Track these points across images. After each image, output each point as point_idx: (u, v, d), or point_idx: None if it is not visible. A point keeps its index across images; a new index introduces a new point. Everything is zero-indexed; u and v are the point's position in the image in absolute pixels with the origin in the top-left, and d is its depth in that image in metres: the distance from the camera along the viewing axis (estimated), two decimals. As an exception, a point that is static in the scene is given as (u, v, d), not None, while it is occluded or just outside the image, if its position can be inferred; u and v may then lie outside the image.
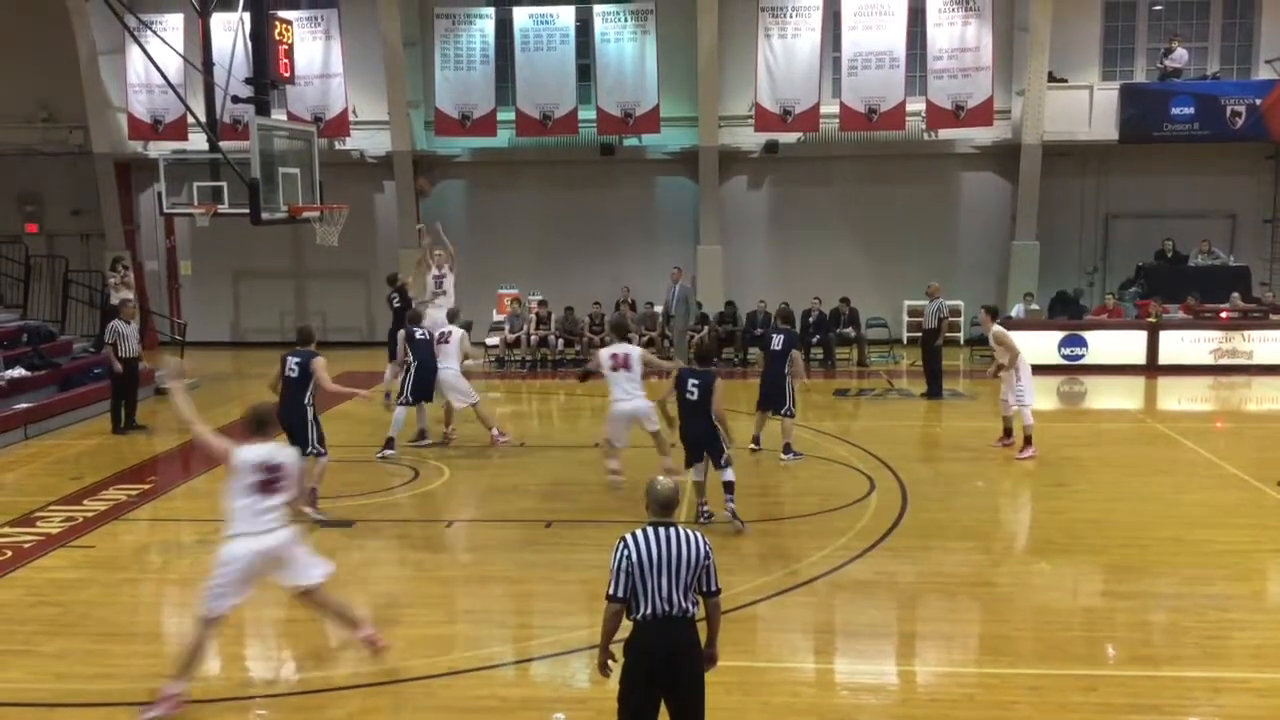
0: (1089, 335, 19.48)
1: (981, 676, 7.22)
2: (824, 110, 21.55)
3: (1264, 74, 21.81)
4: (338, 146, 22.55)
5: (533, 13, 21.89)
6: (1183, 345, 19.24)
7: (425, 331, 13.59)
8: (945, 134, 22.02)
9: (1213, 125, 21.12)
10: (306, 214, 14.93)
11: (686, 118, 22.32)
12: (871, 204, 22.82)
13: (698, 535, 5.37)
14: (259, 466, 6.76)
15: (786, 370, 12.98)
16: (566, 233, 23.09)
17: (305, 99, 21.76)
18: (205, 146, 15.64)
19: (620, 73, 21.73)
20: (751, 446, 13.23)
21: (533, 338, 20.84)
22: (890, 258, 22.65)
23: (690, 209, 22.95)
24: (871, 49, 21.19)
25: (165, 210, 16.14)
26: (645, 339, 20.67)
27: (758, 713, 6.73)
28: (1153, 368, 19.15)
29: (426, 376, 13.30)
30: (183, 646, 6.79)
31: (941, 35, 21.16)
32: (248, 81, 14.72)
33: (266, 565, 6.86)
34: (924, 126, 21.78)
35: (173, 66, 18.06)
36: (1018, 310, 20.37)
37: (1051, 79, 21.56)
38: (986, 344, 20.42)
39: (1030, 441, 13.15)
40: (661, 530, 5.30)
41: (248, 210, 13.93)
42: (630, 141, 22.59)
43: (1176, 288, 20.38)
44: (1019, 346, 13.29)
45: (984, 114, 21.23)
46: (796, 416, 13.30)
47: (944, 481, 12.18)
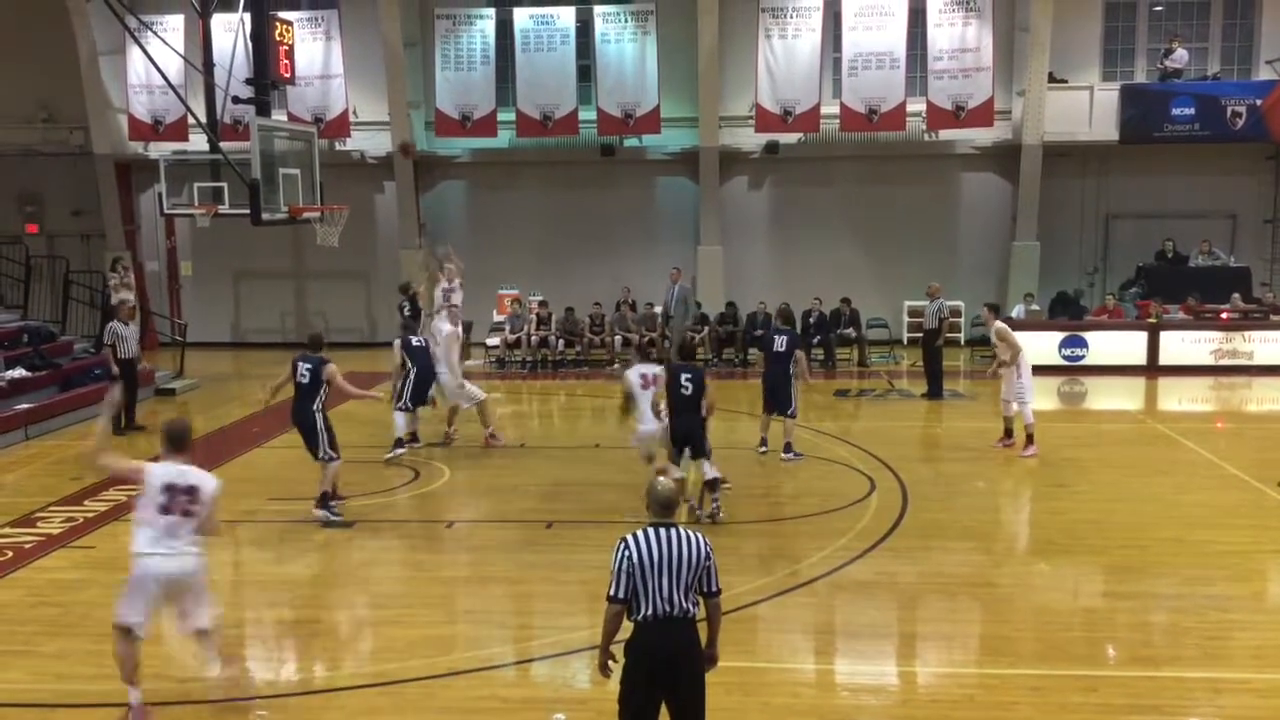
0: (1089, 336, 19.48)
1: (982, 677, 7.22)
2: (824, 111, 21.55)
3: (1264, 74, 21.80)
4: (338, 147, 22.55)
5: (533, 13, 21.89)
6: (1183, 346, 19.23)
7: (422, 339, 13.77)
8: (946, 134, 22.01)
9: (1213, 126, 21.11)
10: (307, 215, 14.94)
11: (687, 118, 22.32)
12: (872, 204, 22.82)
13: (698, 536, 5.38)
14: (167, 486, 6.52)
15: (791, 371, 13.00)
16: (567, 233, 23.09)
17: (306, 100, 21.77)
18: (206, 147, 15.64)
19: (621, 73, 21.73)
20: (760, 450, 13.25)
21: (533, 338, 20.84)
22: (891, 258, 22.65)
23: (691, 209, 22.95)
24: (872, 49, 21.18)
25: (166, 211, 16.16)
26: (645, 339, 20.70)
27: (758, 713, 6.73)
28: (1153, 368, 19.14)
29: (425, 383, 13.42)
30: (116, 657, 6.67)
31: (942, 36, 21.16)
32: (248, 82, 14.73)
33: (166, 591, 6.59)
34: (924, 127, 21.77)
35: (173, 67, 18.06)
36: (1018, 311, 20.36)
37: (1052, 79, 21.55)
38: (987, 344, 20.50)
39: (1032, 440, 13.17)
40: (662, 531, 5.31)
41: (248, 211, 13.94)
42: (631, 142, 22.59)
43: (1177, 288, 20.35)
44: (1021, 344, 13.30)
45: (984, 114, 21.23)
46: (798, 417, 13.34)
47: (944, 482, 12.17)
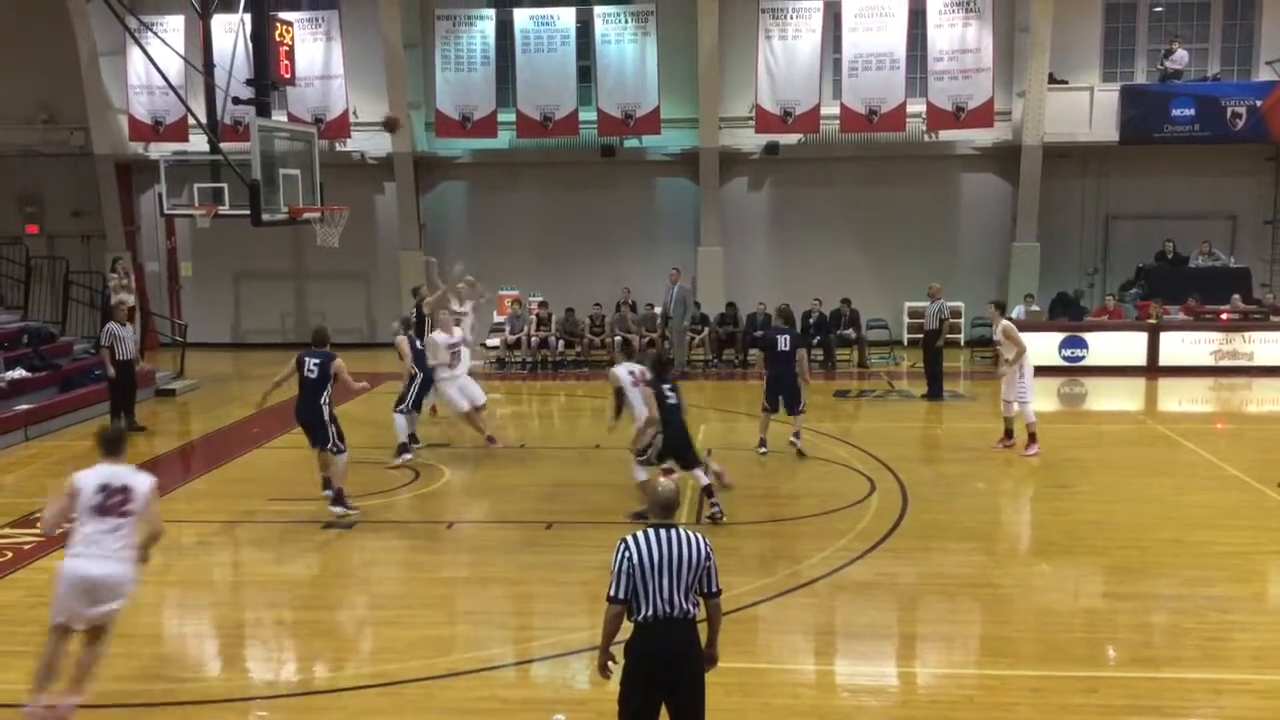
0: (1089, 337, 19.47)
1: (982, 678, 7.22)
2: (824, 111, 21.55)
3: (1264, 75, 21.80)
4: (338, 148, 22.55)
5: (533, 14, 21.89)
6: (1183, 347, 19.23)
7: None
8: (946, 135, 22.01)
9: (1213, 127, 21.11)
10: (307, 215, 14.92)
11: (687, 119, 22.32)
12: (872, 205, 22.82)
13: (698, 536, 5.38)
14: (101, 488, 6.57)
15: (797, 369, 13.23)
16: (567, 234, 23.09)
17: (306, 100, 21.76)
18: (206, 148, 15.61)
19: (621, 74, 21.73)
20: (761, 450, 13.27)
21: (533, 339, 20.84)
22: (891, 259, 22.65)
23: (691, 210, 22.95)
24: (872, 50, 21.18)
25: (166, 211, 16.13)
26: (645, 340, 20.72)
27: (758, 714, 6.73)
28: (1153, 369, 19.14)
29: (429, 387, 13.44)
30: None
31: (942, 36, 21.16)
32: (248, 83, 14.71)
33: (85, 594, 6.50)
34: (924, 128, 21.77)
35: (173, 68, 18.04)
36: (1018, 311, 20.34)
37: (1052, 80, 21.55)
38: (987, 345, 20.62)
39: (1035, 439, 13.19)
40: (662, 532, 5.31)
41: (248, 211, 13.91)
42: (631, 143, 22.59)
43: (1177, 289, 20.34)
44: (1025, 343, 13.35)
45: (984, 115, 21.23)
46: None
47: (944, 483, 12.17)
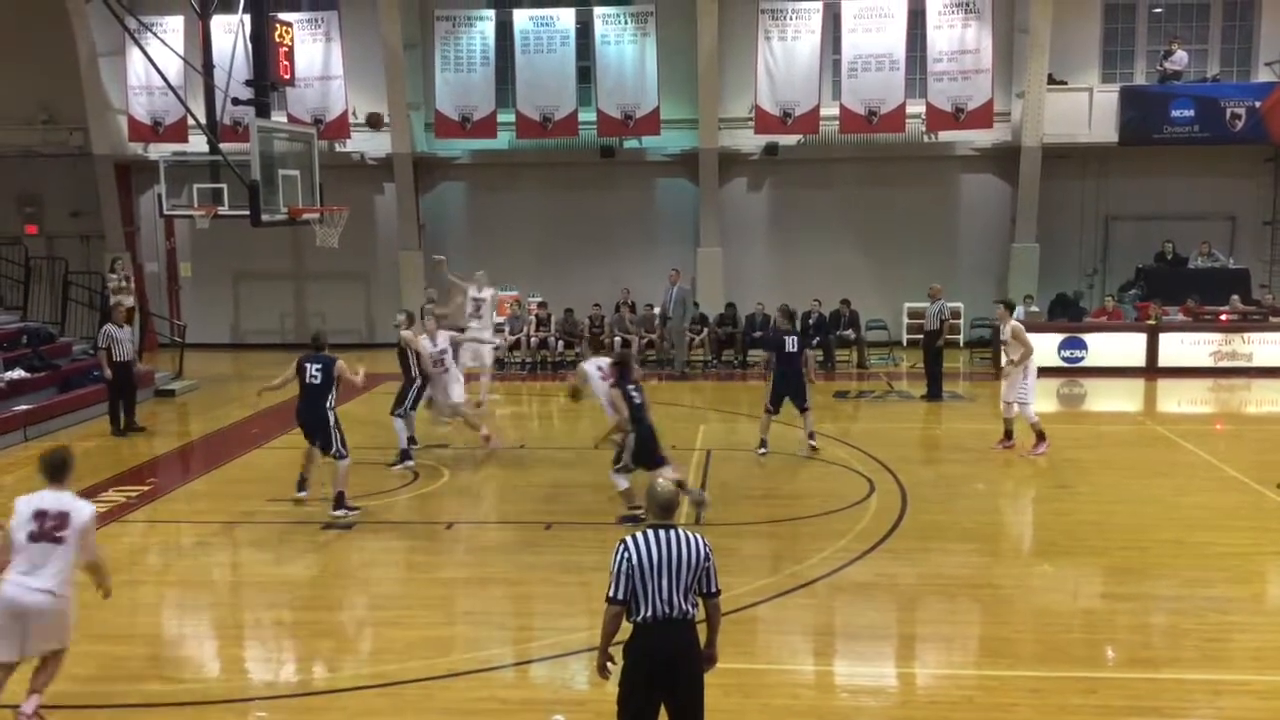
0: (1089, 338, 19.47)
1: (981, 679, 7.22)
2: (824, 112, 21.54)
3: (1264, 76, 21.81)
4: (338, 148, 22.54)
5: (533, 15, 21.89)
6: (1182, 348, 19.22)
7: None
8: (945, 136, 22.00)
9: (1212, 128, 21.11)
10: (306, 216, 14.92)
11: (686, 120, 22.32)
12: (871, 206, 22.82)
13: (698, 537, 5.38)
14: (37, 514, 6.42)
15: (803, 370, 13.42)
16: (566, 235, 23.09)
17: (305, 101, 21.76)
18: (205, 148, 15.63)
19: (620, 75, 21.72)
20: (760, 451, 13.29)
21: (532, 340, 20.85)
22: (890, 260, 22.65)
23: (690, 211, 22.95)
24: (871, 51, 21.18)
25: (165, 212, 16.12)
26: (645, 341, 20.74)
27: (757, 714, 6.73)
28: (1152, 370, 19.14)
29: (425, 389, 13.40)
30: None
31: (941, 37, 21.15)
32: (248, 83, 14.71)
33: (14, 619, 6.33)
34: (924, 129, 21.76)
35: (173, 68, 18.03)
36: (1018, 313, 20.27)
37: (1051, 81, 21.54)
38: (986, 346, 20.65)
39: (1043, 437, 13.22)
40: (662, 532, 5.31)
41: (248, 212, 13.92)
42: (630, 143, 22.58)
43: (1176, 290, 20.32)
44: (1032, 345, 13.39)
45: (984, 116, 21.22)
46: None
47: (944, 483, 12.17)
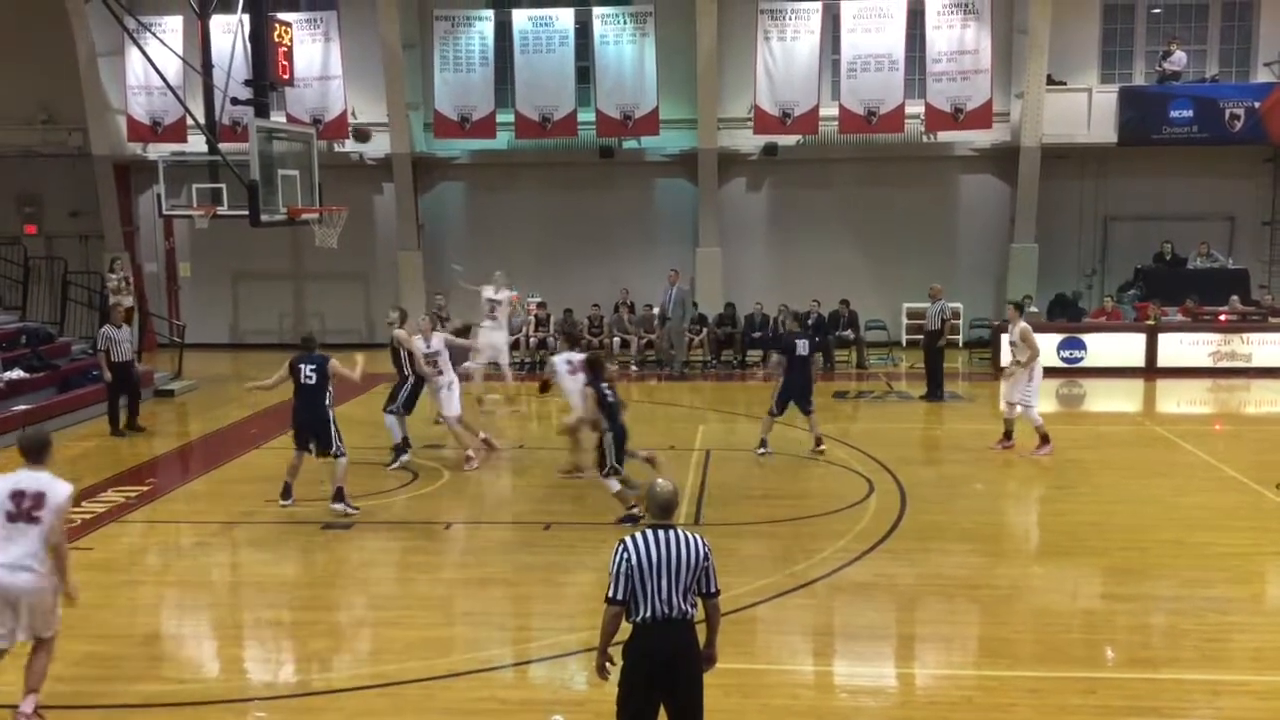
0: (1088, 338, 19.46)
1: (980, 679, 7.22)
2: (823, 113, 21.53)
3: (1263, 77, 21.83)
4: (337, 149, 22.54)
5: (532, 15, 21.88)
6: (1181, 348, 19.23)
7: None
8: (944, 136, 22.00)
9: (1211, 128, 21.11)
10: (305, 216, 14.91)
11: (685, 120, 22.31)
12: (870, 206, 22.82)
13: (697, 537, 5.38)
14: (15, 493, 6.38)
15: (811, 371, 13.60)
16: (565, 235, 23.08)
17: (304, 101, 21.74)
18: (204, 148, 15.63)
19: (619, 75, 21.72)
20: (760, 451, 13.29)
21: (531, 340, 20.84)
22: (889, 260, 22.65)
23: (689, 211, 22.95)
24: (870, 52, 21.18)
25: (164, 212, 16.10)
26: (644, 341, 20.74)
27: (757, 715, 6.73)
28: (1151, 370, 19.14)
29: (420, 390, 13.33)
30: None
31: (940, 38, 21.15)
32: (247, 83, 14.70)
33: (6, 606, 6.33)
34: (923, 129, 21.76)
35: (172, 68, 18.02)
36: (1007, 313, 20.33)
37: (1050, 82, 21.55)
38: (986, 346, 20.64)
39: (1047, 439, 13.22)
40: (661, 533, 5.31)
41: (247, 212, 13.92)
42: (629, 144, 22.57)
43: (1175, 290, 20.32)
44: (1040, 348, 13.39)
45: (983, 117, 21.22)
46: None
47: (943, 484, 12.18)
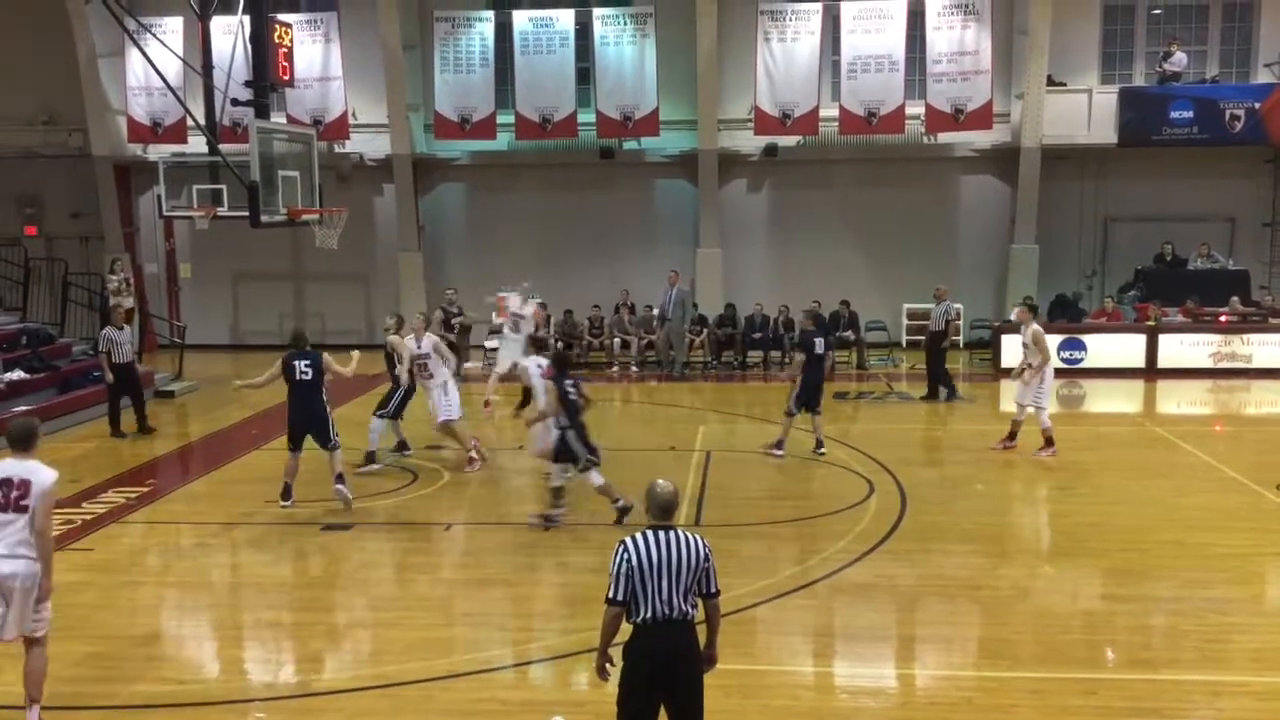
0: (1088, 339, 19.47)
1: (981, 680, 7.22)
2: (823, 114, 21.54)
3: (1263, 78, 21.82)
4: (337, 149, 22.55)
5: (532, 16, 21.90)
6: (1182, 349, 19.24)
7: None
8: (944, 137, 22.01)
9: (1212, 129, 21.12)
10: (306, 217, 14.91)
11: (686, 121, 22.32)
12: (871, 207, 22.82)
13: (697, 538, 5.38)
14: (1, 483, 6.36)
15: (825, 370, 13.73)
16: (566, 236, 23.09)
17: (305, 102, 21.75)
18: (205, 149, 15.63)
19: (620, 76, 21.73)
20: (779, 452, 13.23)
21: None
22: (889, 261, 22.65)
23: (689, 212, 22.95)
24: (871, 52, 21.18)
25: (165, 213, 16.11)
26: (645, 342, 20.74)
27: (757, 715, 6.72)
28: (1152, 371, 19.14)
29: (411, 396, 13.29)
30: None
31: (941, 39, 21.16)
32: (247, 84, 14.71)
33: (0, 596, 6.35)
34: (923, 130, 21.77)
35: (172, 69, 18.03)
36: (1017, 314, 20.33)
37: (1050, 82, 21.55)
38: (986, 347, 20.65)
39: (1051, 442, 13.23)
40: (661, 533, 5.30)
41: (247, 213, 13.93)
42: (629, 144, 22.59)
43: (1175, 291, 20.32)
44: (1050, 351, 13.44)
45: (983, 117, 21.22)
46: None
47: (944, 485, 12.18)
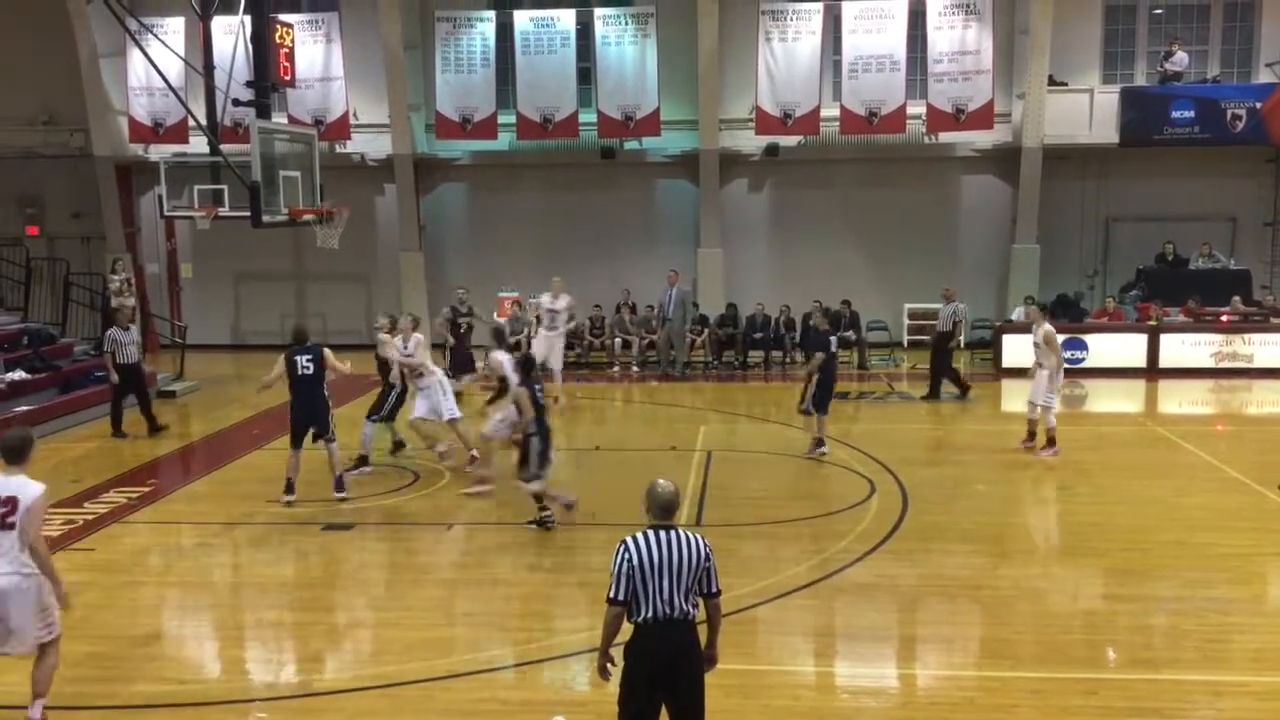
0: (1089, 339, 19.46)
1: (982, 680, 7.22)
2: (824, 113, 21.54)
3: (1264, 77, 21.81)
4: (338, 149, 22.56)
5: (533, 16, 21.90)
6: (1183, 348, 19.23)
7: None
8: (946, 137, 22.01)
9: (1213, 128, 21.12)
10: (307, 217, 14.92)
11: (687, 121, 22.32)
12: (872, 207, 22.82)
13: (698, 537, 5.38)
14: None
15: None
16: (567, 236, 23.09)
17: (306, 102, 21.77)
18: (206, 149, 15.64)
19: (621, 76, 21.73)
20: (822, 451, 13.23)
21: (533, 341, 20.81)
22: (891, 261, 22.65)
23: (691, 212, 22.95)
24: (872, 52, 21.18)
25: (166, 213, 16.12)
26: (646, 342, 20.73)
27: (758, 715, 6.72)
28: (1153, 371, 19.14)
29: (404, 398, 13.26)
30: None
31: (942, 38, 21.16)
32: (248, 84, 14.73)
33: None
34: (924, 130, 21.77)
35: (173, 69, 18.05)
36: (1018, 314, 20.34)
37: (1052, 82, 21.55)
38: (987, 347, 20.64)
39: (1054, 442, 13.24)
40: (662, 533, 5.30)
41: (248, 213, 13.94)
42: (631, 144, 22.59)
43: (1177, 291, 20.31)
44: (1062, 353, 13.51)
45: (984, 117, 21.22)
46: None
47: (945, 484, 12.16)
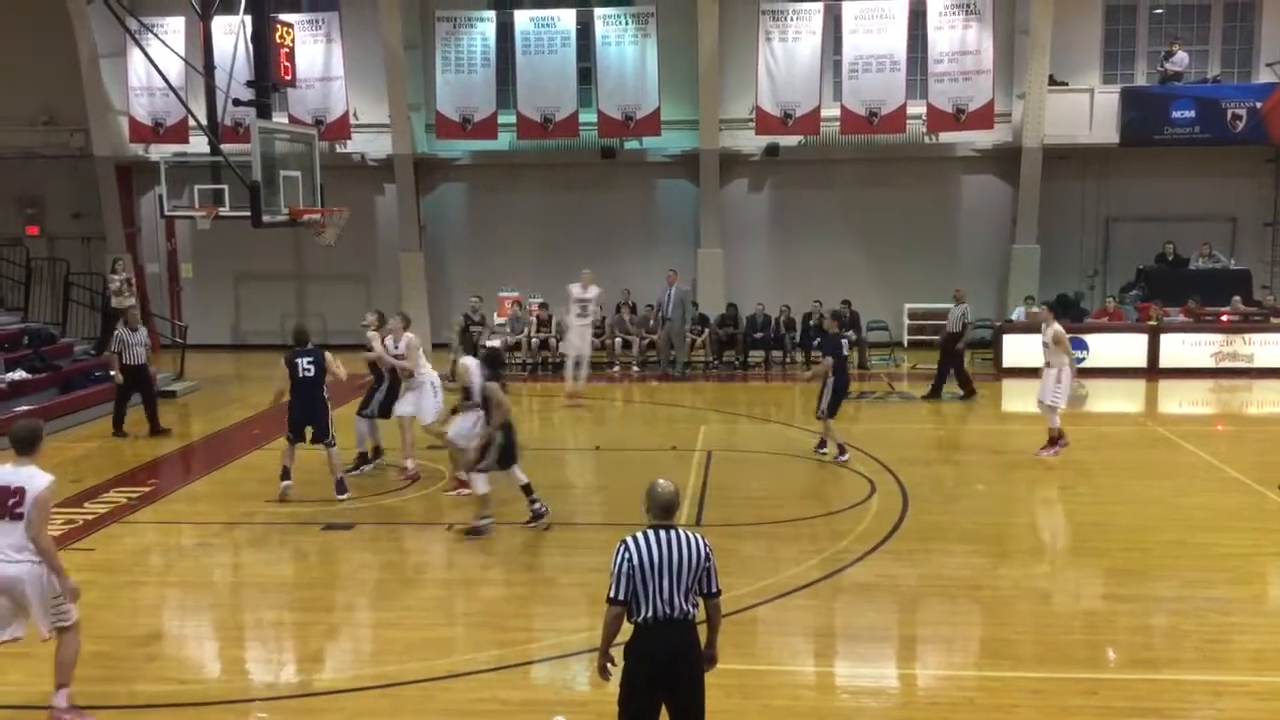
0: (1090, 338, 19.44)
1: (982, 680, 7.22)
2: (825, 113, 21.54)
3: (1265, 77, 21.80)
4: (339, 149, 22.57)
5: (534, 16, 21.91)
6: (1183, 348, 19.24)
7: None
8: (946, 137, 22.01)
9: (1213, 128, 21.11)
10: (307, 216, 14.92)
11: (687, 121, 22.32)
12: (872, 207, 22.82)
13: (698, 537, 5.38)
14: None
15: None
16: (567, 235, 23.08)
17: (306, 102, 21.77)
18: (206, 149, 15.64)
19: (621, 76, 21.74)
20: (843, 458, 13.08)
21: (533, 341, 20.85)
22: (891, 260, 22.66)
23: (691, 212, 22.96)
24: (872, 52, 21.18)
25: (166, 213, 16.12)
26: (646, 342, 20.74)
27: (758, 715, 6.73)
28: (1153, 371, 19.14)
29: (396, 394, 13.09)
30: None
31: (942, 38, 21.16)
32: (249, 84, 14.72)
33: (3, 595, 6.42)
34: (925, 130, 21.78)
35: (174, 69, 18.05)
36: (1018, 314, 20.36)
37: (1052, 82, 21.55)
38: (988, 347, 20.64)
39: (1054, 441, 13.25)
40: (662, 533, 5.31)
41: (249, 213, 13.94)
42: (631, 144, 22.59)
43: (1177, 291, 20.32)
44: (1071, 354, 13.49)
45: (985, 117, 21.22)
46: None
47: (945, 484, 12.18)
